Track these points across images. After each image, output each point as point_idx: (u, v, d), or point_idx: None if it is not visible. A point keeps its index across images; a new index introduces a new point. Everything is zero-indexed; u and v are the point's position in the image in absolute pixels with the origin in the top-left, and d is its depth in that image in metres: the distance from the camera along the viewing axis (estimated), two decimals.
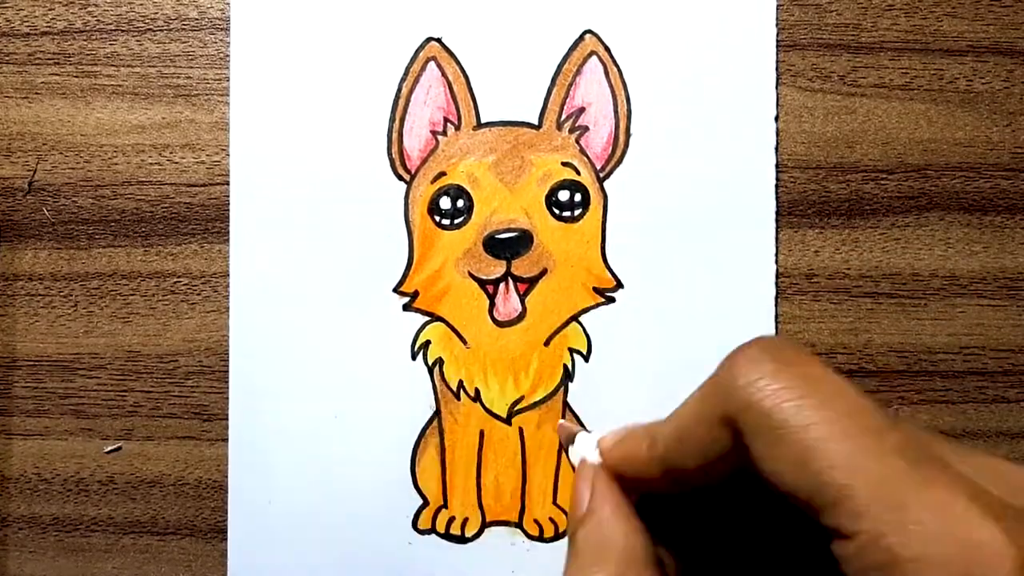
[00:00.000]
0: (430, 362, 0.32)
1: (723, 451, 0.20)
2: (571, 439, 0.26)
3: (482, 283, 0.32)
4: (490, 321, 0.32)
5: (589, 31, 0.32)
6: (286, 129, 0.32)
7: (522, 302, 0.32)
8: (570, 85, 0.32)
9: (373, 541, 0.32)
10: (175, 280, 0.33)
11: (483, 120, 0.32)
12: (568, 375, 0.32)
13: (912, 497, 0.17)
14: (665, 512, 0.23)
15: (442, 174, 0.32)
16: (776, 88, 0.32)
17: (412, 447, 0.32)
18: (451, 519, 0.32)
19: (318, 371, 0.32)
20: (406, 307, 0.32)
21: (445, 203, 0.32)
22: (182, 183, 0.33)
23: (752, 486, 0.23)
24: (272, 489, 0.32)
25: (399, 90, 0.32)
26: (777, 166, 0.32)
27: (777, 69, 0.32)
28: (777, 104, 0.32)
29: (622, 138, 0.32)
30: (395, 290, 0.32)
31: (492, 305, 0.32)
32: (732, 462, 0.20)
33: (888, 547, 0.17)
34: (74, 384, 0.33)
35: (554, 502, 0.32)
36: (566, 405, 0.32)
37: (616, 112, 0.32)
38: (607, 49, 0.32)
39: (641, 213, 0.32)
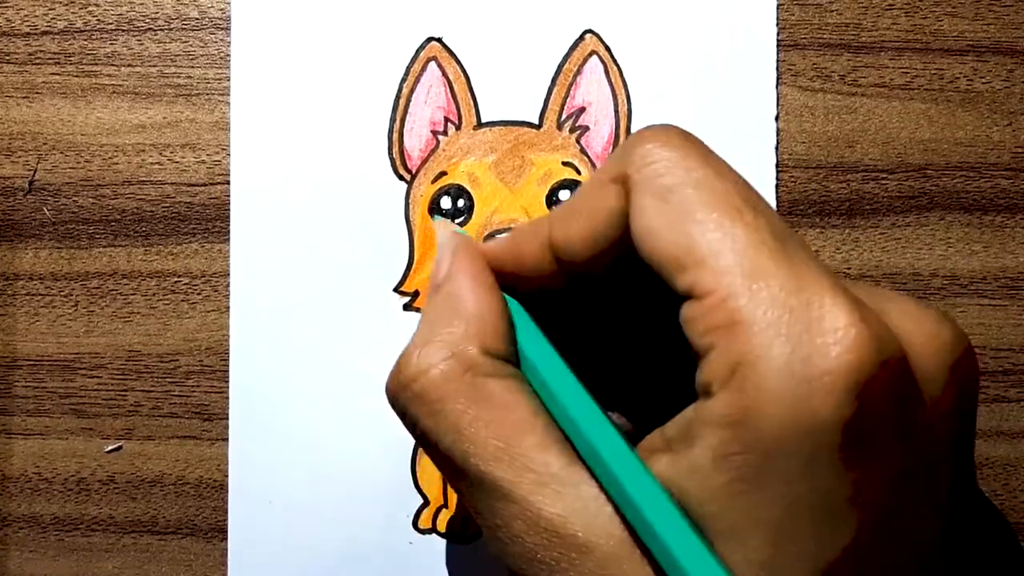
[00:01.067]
0: None
1: (608, 216, 0.20)
2: (447, 228, 0.26)
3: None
4: None
5: (589, 31, 0.32)
6: (286, 129, 0.32)
7: None
8: (570, 85, 0.32)
9: (374, 541, 0.32)
10: (175, 280, 0.33)
11: (484, 120, 0.32)
12: None
13: (771, 268, 0.17)
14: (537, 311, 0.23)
15: (443, 174, 0.32)
16: (776, 88, 0.32)
17: (412, 447, 0.32)
18: (452, 519, 0.32)
19: (318, 371, 0.32)
20: (406, 307, 0.32)
21: (446, 203, 0.32)
22: (182, 183, 0.33)
23: (625, 289, 0.23)
24: (272, 489, 0.32)
25: (399, 90, 0.32)
26: (777, 165, 0.32)
27: (777, 69, 0.32)
28: (777, 104, 0.32)
29: (622, 138, 0.32)
30: (395, 290, 0.32)
31: None
32: (614, 236, 0.20)
33: (735, 308, 0.17)
34: (74, 384, 0.33)
35: None
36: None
37: (616, 112, 0.32)
38: (607, 49, 0.32)
39: None
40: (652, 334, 0.24)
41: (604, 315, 0.25)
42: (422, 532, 0.32)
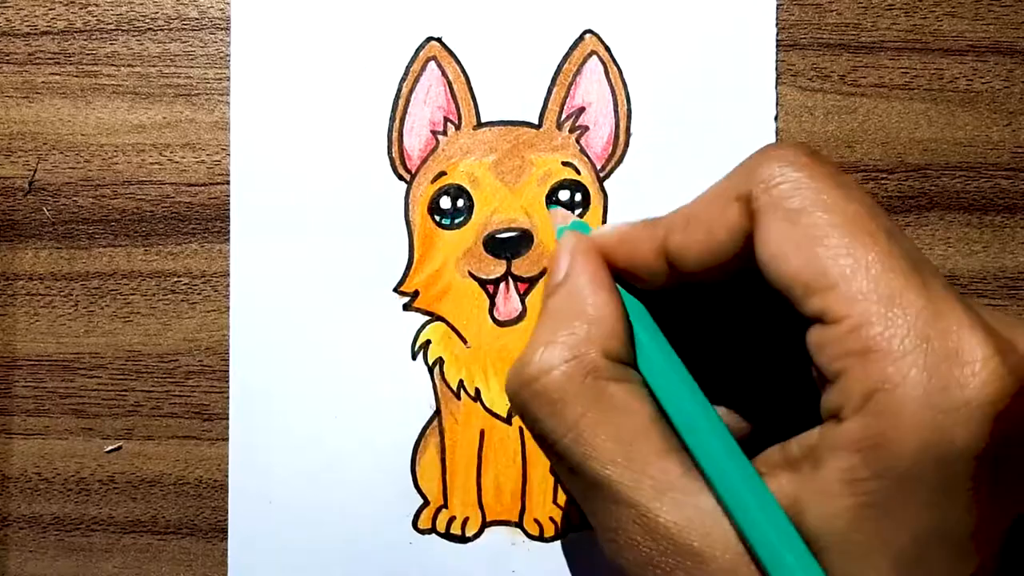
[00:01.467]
0: (430, 362, 0.32)
1: (729, 233, 0.20)
2: (565, 220, 0.26)
3: (482, 283, 0.32)
4: (490, 321, 0.32)
5: (589, 31, 0.32)
6: (286, 129, 0.32)
7: (523, 302, 0.32)
8: (570, 85, 0.32)
9: (373, 541, 0.32)
10: (175, 280, 0.33)
11: (483, 120, 0.32)
12: None
13: (907, 295, 0.17)
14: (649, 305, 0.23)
15: (442, 174, 0.32)
16: (776, 88, 0.32)
17: (412, 447, 0.32)
18: (451, 519, 0.32)
19: (318, 371, 0.32)
20: (406, 307, 0.32)
21: (445, 203, 0.32)
22: (182, 183, 0.33)
23: (738, 295, 0.23)
24: (272, 489, 0.32)
25: (399, 90, 0.32)
26: None
27: (777, 69, 0.32)
28: (777, 104, 0.32)
29: (622, 138, 0.32)
30: (395, 290, 0.32)
31: (492, 305, 0.32)
32: (732, 252, 0.20)
33: (871, 336, 0.17)
34: (74, 384, 0.33)
35: (554, 502, 0.32)
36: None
37: (616, 112, 0.32)
38: (607, 49, 0.32)
39: (641, 212, 0.32)
40: (764, 337, 0.24)
41: (715, 313, 0.24)
42: (422, 532, 0.32)
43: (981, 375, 0.16)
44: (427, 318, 0.32)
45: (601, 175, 0.32)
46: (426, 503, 0.32)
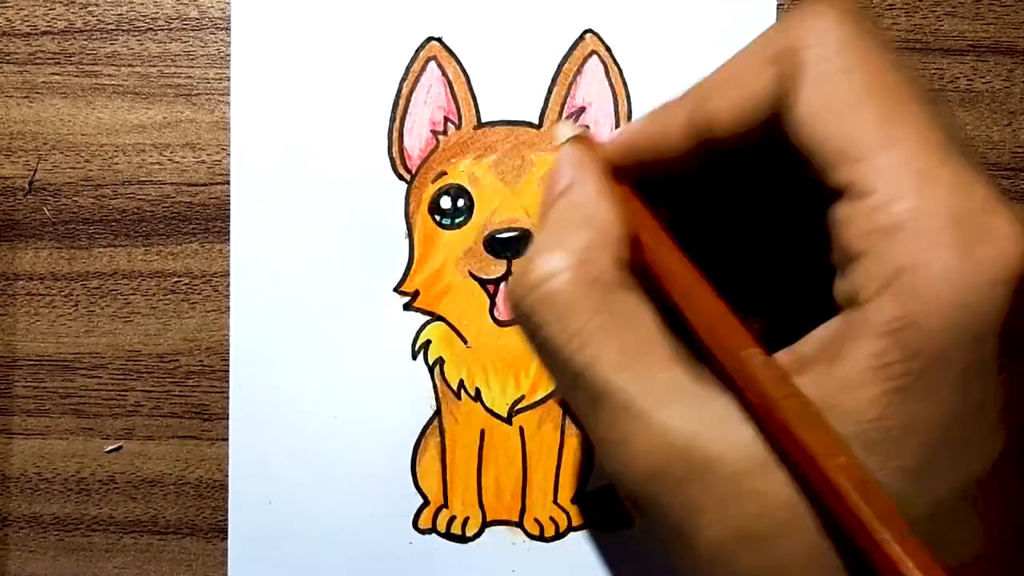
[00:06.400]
0: (430, 362, 0.32)
1: (766, 92, 0.19)
2: (573, 130, 0.25)
3: (483, 283, 0.32)
4: (491, 321, 0.32)
5: (589, 31, 0.32)
6: (286, 129, 0.32)
7: None
8: (570, 85, 0.32)
9: (374, 541, 0.32)
10: (176, 280, 0.33)
11: (484, 120, 0.32)
12: None
13: (940, 172, 0.17)
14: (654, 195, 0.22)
15: (443, 174, 0.32)
16: None
17: (412, 447, 0.32)
18: (452, 519, 0.32)
19: (318, 371, 0.32)
20: (406, 307, 0.32)
21: (446, 203, 0.32)
22: (183, 183, 0.33)
23: (757, 175, 0.22)
24: (272, 489, 0.32)
25: (399, 90, 0.32)
26: None
27: None
28: None
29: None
30: (395, 290, 0.32)
31: (493, 305, 0.32)
32: (769, 112, 0.19)
33: (899, 212, 0.17)
34: (75, 383, 0.33)
35: (555, 501, 0.32)
36: (566, 404, 0.32)
37: (616, 112, 0.32)
38: (607, 49, 0.32)
39: None
40: (777, 238, 0.23)
41: (729, 211, 0.24)
42: (422, 532, 0.32)
43: (1010, 251, 0.16)
44: (427, 318, 0.32)
45: None
46: (426, 503, 0.32)
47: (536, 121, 0.32)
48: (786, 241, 0.22)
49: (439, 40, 0.32)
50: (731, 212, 0.24)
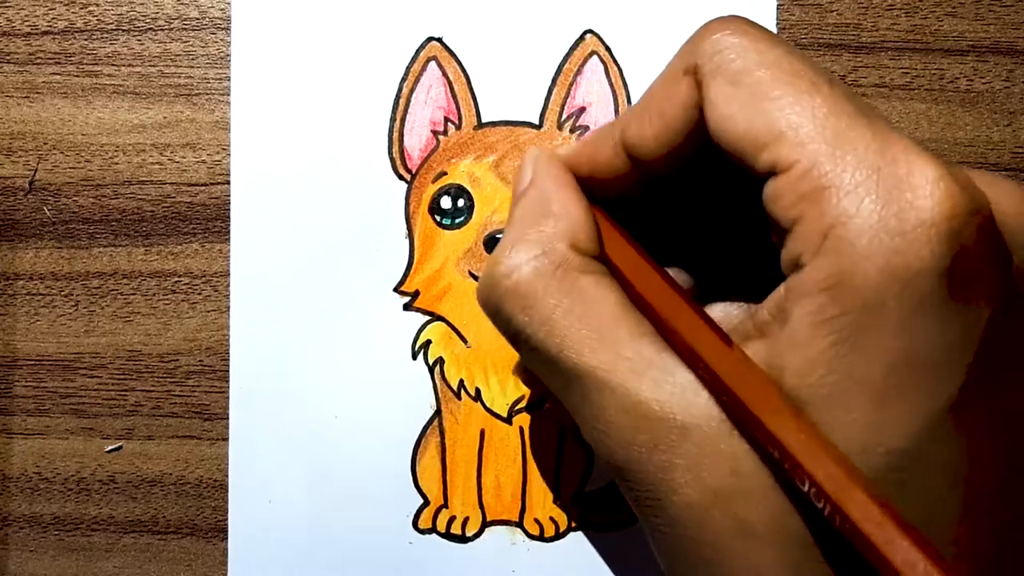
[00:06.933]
0: (430, 362, 0.32)
1: (683, 109, 0.20)
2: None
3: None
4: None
5: (590, 31, 0.32)
6: (286, 129, 0.32)
7: None
8: (571, 85, 0.32)
9: (373, 541, 0.32)
10: (176, 280, 0.33)
11: (484, 120, 0.32)
12: None
13: (853, 133, 0.18)
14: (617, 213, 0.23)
15: (443, 174, 0.32)
16: None
17: (412, 447, 0.32)
18: (451, 519, 0.32)
19: (318, 371, 0.32)
20: (406, 307, 0.32)
21: (446, 203, 0.32)
22: (183, 182, 0.33)
23: (701, 185, 0.23)
24: (272, 489, 0.32)
25: (399, 90, 0.32)
26: None
27: None
28: None
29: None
30: (395, 290, 0.32)
31: None
32: (687, 129, 0.20)
33: (822, 175, 0.17)
34: (75, 383, 0.33)
35: (554, 502, 0.32)
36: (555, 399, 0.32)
37: (617, 112, 0.32)
38: (608, 49, 0.32)
39: None
40: (731, 234, 0.24)
41: (682, 221, 0.25)
42: (422, 532, 0.32)
43: (934, 195, 0.17)
44: (427, 318, 0.32)
45: None
46: (426, 503, 0.32)
47: (536, 121, 0.32)
48: (742, 230, 0.23)
49: (439, 40, 0.32)
50: (690, 214, 0.25)
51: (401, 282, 0.32)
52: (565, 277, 0.21)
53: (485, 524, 0.32)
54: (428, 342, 0.32)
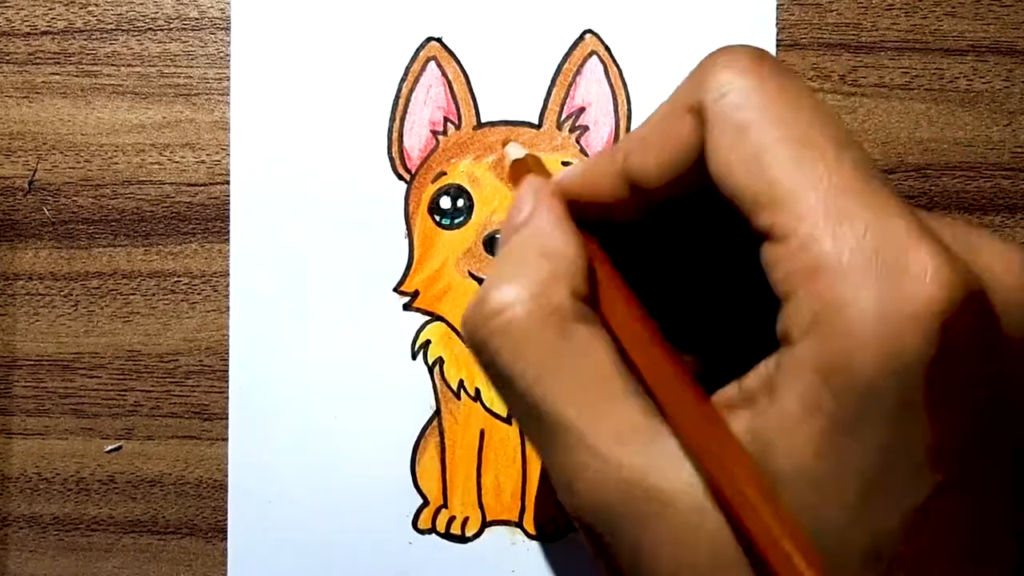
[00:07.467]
0: (430, 362, 0.32)
1: (685, 146, 0.20)
2: (519, 152, 0.25)
3: (482, 283, 0.32)
4: None
5: (589, 31, 0.32)
6: (286, 129, 0.32)
7: None
8: (570, 85, 0.32)
9: (373, 541, 0.32)
10: (175, 280, 0.33)
11: (483, 120, 0.32)
12: None
13: (854, 210, 0.17)
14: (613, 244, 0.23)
15: (442, 174, 0.32)
16: None
17: (412, 447, 0.32)
18: (451, 519, 0.32)
19: (318, 371, 0.32)
20: (406, 307, 0.32)
21: (445, 203, 0.32)
22: (182, 182, 0.33)
23: (702, 216, 0.23)
24: (272, 489, 0.32)
25: (399, 90, 0.32)
26: None
27: None
28: None
29: (622, 137, 0.32)
30: (395, 290, 0.32)
31: None
32: (689, 164, 0.20)
33: (818, 253, 0.17)
34: (74, 383, 0.33)
35: (555, 502, 0.32)
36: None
37: (616, 112, 0.32)
38: (607, 49, 0.32)
39: None
40: (729, 270, 0.23)
41: (679, 248, 0.24)
42: (422, 532, 0.32)
43: (932, 284, 0.16)
44: (427, 318, 0.32)
45: None
46: (426, 503, 0.32)
47: (536, 121, 0.32)
48: (737, 276, 0.23)
49: (439, 40, 0.32)
50: (683, 247, 0.24)
51: (401, 282, 0.32)
52: (559, 325, 0.20)
53: (485, 524, 0.32)
54: (428, 342, 0.32)
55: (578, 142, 0.32)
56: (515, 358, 0.20)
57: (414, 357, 0.32)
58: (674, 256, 0.24)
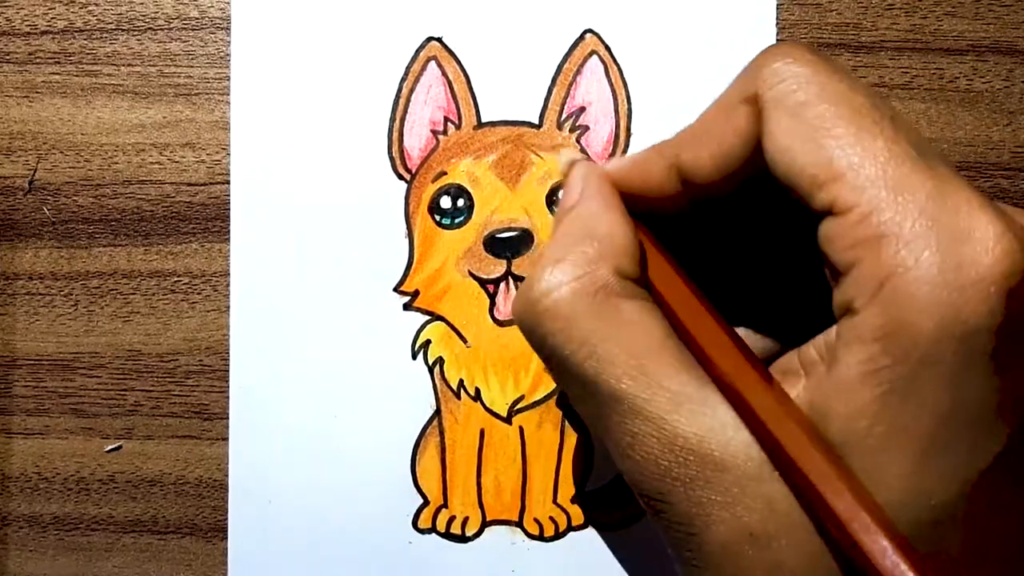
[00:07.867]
0: (430, 361, 0.32)
1: (740, 137, 0.20)
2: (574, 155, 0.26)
3: (483, 282, 0.32)
4: (491, 320, 0.32)
5: (589, 30, 0.32)
6: (286, 129, 0.32)
7: None
8: (570, 84, 0.32)
9: (373, 540, 0.32)
10: (175, 279, 0.33)
11: (484, 119, 0.32)
12: None
13: (915, 180, 0.17)
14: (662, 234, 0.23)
15: (443, 173, 0.32)
16: None
17: (412, 447, 0.32)
18: (451, 518, 0.32)
19: (318, 370, 0.32)
20: (406, 307, 0.32)
21: (445, 202, 0.32)
22: (182, 182, 0.33)
23: (748, 216, 0.23)
24: (272, 489, 0.32)
25: (399, 90, 0.32)
26: None
27: None
28: None
29: (623, 137, 0.32)
30: (395, 290, 0.32)
31: (493, 304, 0.32)
32: (743, 157, 0.20)
33: (881, 222, 0.17)
34: (74, 383, 0.33)
35: (554, 501, 0.32)
36: (565, 406, 0.32)
37: (616, 111, 0.32)
38: (607, 49, 0.32)
39: None
40: (778, 258, 0.24)
41: (729, 238, 0.24)
42: (422, 532, 0.32)
43: (994, 252, 0.17)
44: (427, 318, 0.32)
45: None
46: (426, 503, 0.32)
47: (536, 121, 0.32)
48: (791, 257, 0.23)
49: (439, 40, 0.32)
50: (738, 232, 0.24)
51: (401, 282, 0.32)
52: (606, 301, 0.20)
53: (485, 524, 0.32)
54: (428, 342, 0.32)
55: (578, 142, 0.32)
56: (565, 336, 0.20)
57: (414, 357, 0.32)
58: (715, 245, 0.24)
